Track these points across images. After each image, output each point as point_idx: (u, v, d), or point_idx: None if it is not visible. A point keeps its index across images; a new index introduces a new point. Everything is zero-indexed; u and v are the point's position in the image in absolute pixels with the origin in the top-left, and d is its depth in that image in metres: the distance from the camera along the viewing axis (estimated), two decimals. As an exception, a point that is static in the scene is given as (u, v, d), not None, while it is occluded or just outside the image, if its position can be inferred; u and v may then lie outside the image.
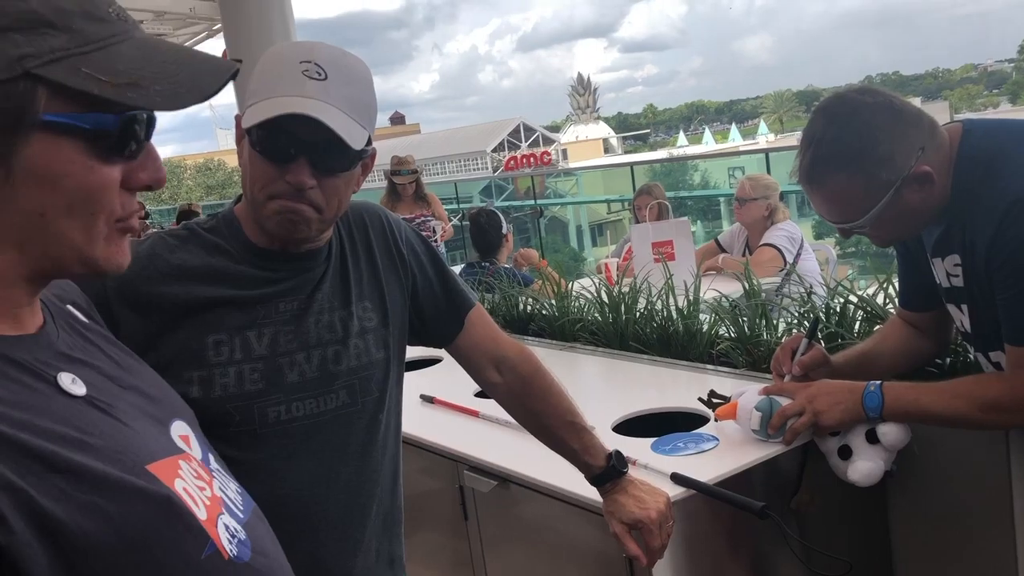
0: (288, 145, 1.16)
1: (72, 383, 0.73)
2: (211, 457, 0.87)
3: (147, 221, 9.35)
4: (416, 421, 2.05)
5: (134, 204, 0.75)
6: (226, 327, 1.22)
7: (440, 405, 2.27)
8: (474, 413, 2.11)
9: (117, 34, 0.70)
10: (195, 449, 0.84)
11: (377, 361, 1.33)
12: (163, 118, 0.77)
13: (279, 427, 1.24)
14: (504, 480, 1.82)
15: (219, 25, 7.91)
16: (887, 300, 2.05)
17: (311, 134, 1.14)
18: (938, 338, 1.79)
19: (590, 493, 1.54)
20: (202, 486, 0.78)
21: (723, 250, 4.34)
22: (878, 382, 1.63)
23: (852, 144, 1.50)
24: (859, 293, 2.12)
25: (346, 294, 1.32)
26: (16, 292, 0.73)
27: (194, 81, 0.73)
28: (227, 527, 0.77)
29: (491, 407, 2.10)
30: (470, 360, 1.50)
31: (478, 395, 2.25)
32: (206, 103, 0.77)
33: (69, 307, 0.88)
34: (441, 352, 1.92)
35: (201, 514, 0.74)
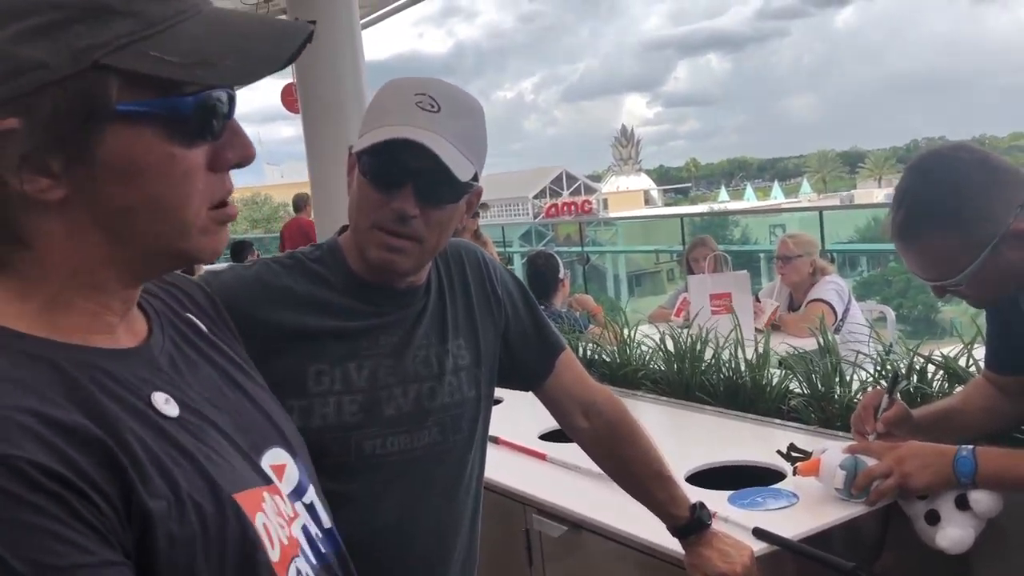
0: (395, 172, 1.17)
1: (165, 403, 0.70)
2: (311, 488, 0.84)
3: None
4: (480, 461, 2.03)
5: (227, 186, 0.73)
6: (328, 358, 1.22)
7: (504, 446, 2.24)
8: (541, 456, 2.08)
9: (184, 11, 0.68)
10: (288, 480, 0.81)
11: (469, 400, 1.33)
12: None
13: (374, 460, 1.23)
14: (575, 526, 1.78)
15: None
16: (971, 361, 2.00)
17: (418, 162, 1.14)
18: None
19: (668, 542, 1.50)
20: (282, 523, 0.75)
21: None
22: (970, 447, 1.58)
23: (948, 201, 1.47)
24: (936, 353, 2.07)
25: (443, 331, 1.31)
26: (111, 300, 0.71)
27: (267, 51, 0.70)
28: (299, 571, 0.75)
29: (559, 450, 2.08)
30: (558, 404, 1.47)
31: (543, 437, 2.23)
32: (257, 142, 0.74)
33: (189, 315, 0.86)
34: (502, 392, 1.90)
35: (274, 555, 0.72)
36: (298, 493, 0.82)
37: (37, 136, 0.63)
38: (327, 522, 0.85)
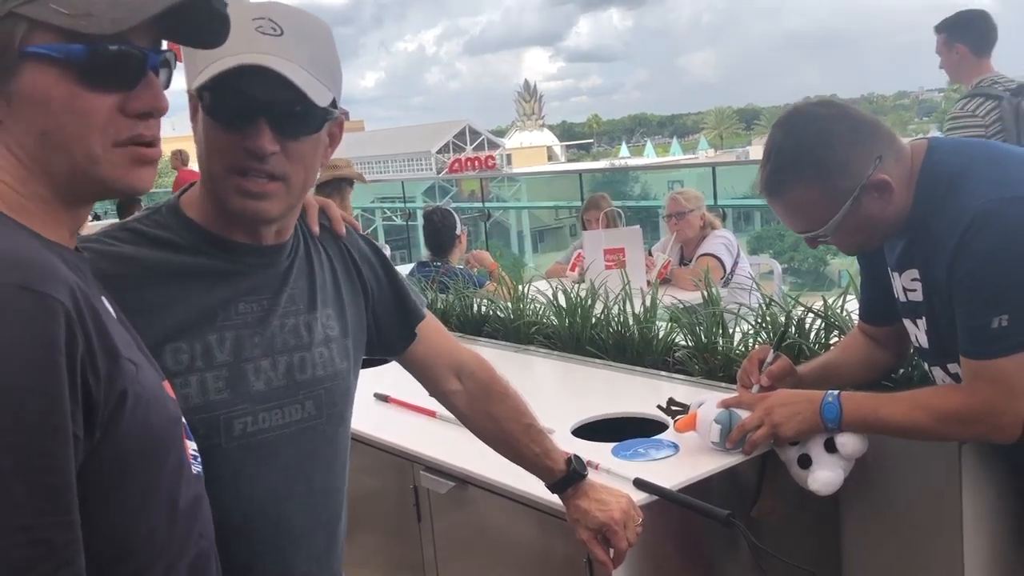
0: (244, 106, 1.06)
1: (109, 305, 0.88)
2: None
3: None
4: (370, 420, 2.01)
5: (139, 129, 0.85)
6: (184, 332, 1.10)
7: (395, 404, 2.23)
8: (431, 413, 2.07)
9: None
10: None
11: (341, 372, 1.24)
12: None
13: (245, 439, 1.13)
14: (462, 481, 1.78)
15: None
16: (845, 310, 2.08)
17: (269, 92, 1.04)
18: (897, 351, 1.82)
19: (550, 496, 1.51)
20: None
21: None
22: (836, 392, 1.64)
23: (810, 153, 1.53)
24: (818, 304, 2.14)
25: (312, 297, 1.22)
26: (60, 213, 0.85)
27: (151, 3, 0.81)
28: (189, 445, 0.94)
29: (448, 407, 2.07)
30: (429, 369, 1.43)
31: (433, 395, 2.22)
32: None
33: None
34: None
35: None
36: None
37: None
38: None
